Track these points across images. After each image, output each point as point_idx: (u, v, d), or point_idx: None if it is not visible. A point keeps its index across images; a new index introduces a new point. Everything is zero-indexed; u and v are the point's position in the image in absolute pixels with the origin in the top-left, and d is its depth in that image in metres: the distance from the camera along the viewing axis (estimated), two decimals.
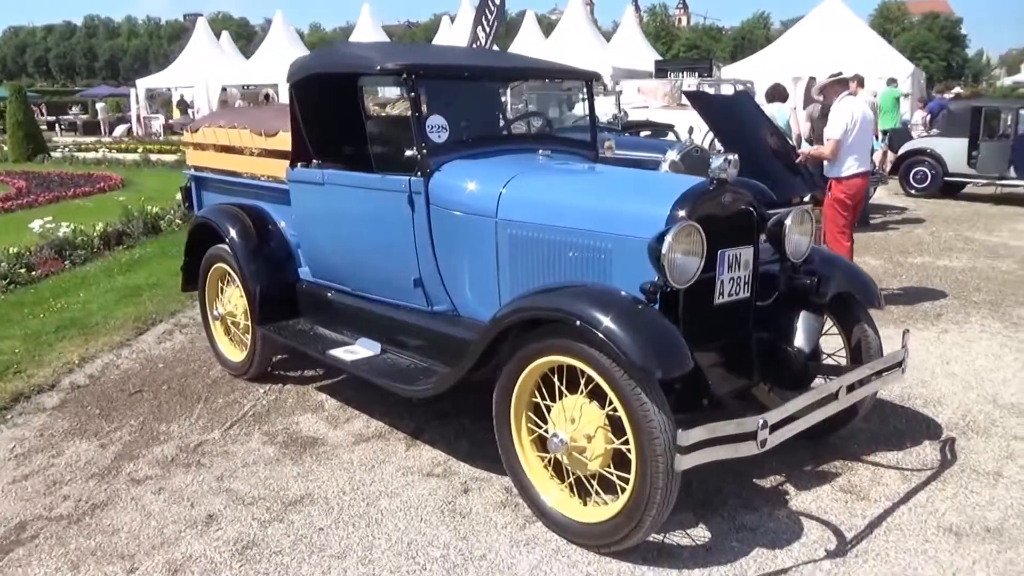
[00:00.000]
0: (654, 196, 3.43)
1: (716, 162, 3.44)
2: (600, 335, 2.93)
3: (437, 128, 3.97)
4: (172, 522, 3.48)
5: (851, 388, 3.49)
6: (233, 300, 5.17)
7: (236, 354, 5.27)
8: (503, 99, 5.09)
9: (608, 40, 29.58)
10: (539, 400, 3.36)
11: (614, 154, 4.75)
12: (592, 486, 3.23)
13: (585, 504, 3.29)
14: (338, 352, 4.30)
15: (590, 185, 3.79)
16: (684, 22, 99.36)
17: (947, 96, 23.17)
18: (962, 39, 68.92)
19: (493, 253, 3.82)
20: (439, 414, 4.53)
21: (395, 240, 4.11)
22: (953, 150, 13.39)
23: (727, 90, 13.38)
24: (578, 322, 3.00)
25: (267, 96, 34.56)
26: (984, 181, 13.34)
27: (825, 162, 6.68)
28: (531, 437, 3.42)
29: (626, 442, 3.04)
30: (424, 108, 4.01)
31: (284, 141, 4.76)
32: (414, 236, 4.02)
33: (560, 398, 3.25)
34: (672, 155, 6.71)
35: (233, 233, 4.87)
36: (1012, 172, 12.82)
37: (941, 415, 4.59)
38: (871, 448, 4.14)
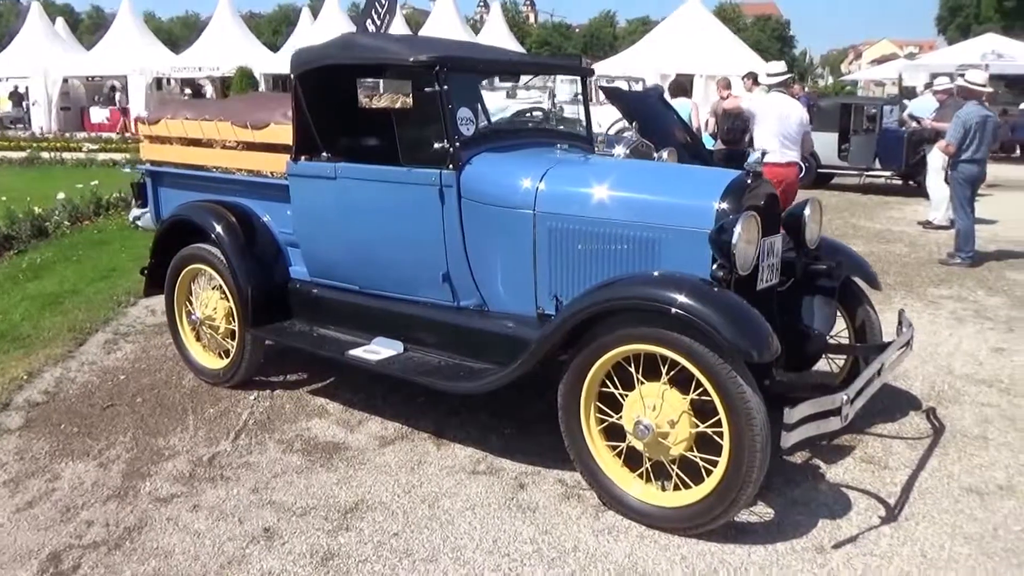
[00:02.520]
0: (700, 189, 3.56)
1: (753, 156, 3.61)
2: (700, 321, 2.99)
3: (466, 121, 3.92)
4: (228, 539, 3.26)
5: None
6: (211, 303, 4.85)
7: (213, 361, 4.96)
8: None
9: (476, 35, 29.69)
10: (609, 390, 3.39)
11: None
12: (673, 471, 3.29)
13: (663, 489, 3.35)
14: (358, 352, 4.14)
15: (628, 178, 3.82)
16: (532, 19, 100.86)
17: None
18: (790, 40, 73.74)
19: (530, 246, 3.80)
20: (452, 412, 4.46)
21: (421, 235, 4.00)
22: (825, 144, 14.38)
23: (622, 86, 13.81)
24: (673, 309, 3.04)
25: (112, 88, 32.32)
26: (854, 172, 14.45)
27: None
28: (599, 427, 3.45)
29: (711, 426, 3.12)
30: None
31: (275, 134, 4.52)
32: (443, 230, 3.94)
33: (638, 386, 3.28)
34: (620, 149, 6.91)
35: (220, 230, 4.56)
36: (877, 163, 13.97)
37: (913, 388, 4.96)
38: (870, 421, 4.42)
